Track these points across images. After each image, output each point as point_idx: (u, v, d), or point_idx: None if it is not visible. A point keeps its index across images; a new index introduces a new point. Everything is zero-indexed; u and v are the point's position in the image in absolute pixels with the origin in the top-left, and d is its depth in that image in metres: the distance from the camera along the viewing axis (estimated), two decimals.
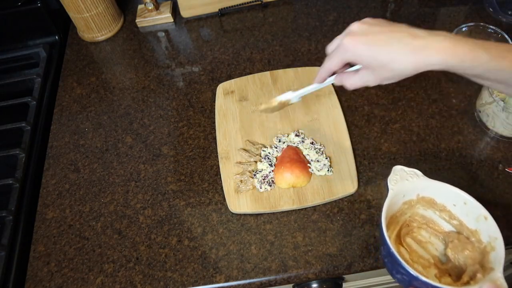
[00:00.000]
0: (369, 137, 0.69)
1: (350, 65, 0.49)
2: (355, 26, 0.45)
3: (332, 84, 0.74)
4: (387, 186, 0.50)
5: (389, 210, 0.50)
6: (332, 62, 0.47)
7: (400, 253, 0.49)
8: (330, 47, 0.49)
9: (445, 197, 0.50)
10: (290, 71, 0.77)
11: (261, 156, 0.67)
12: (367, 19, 0.45)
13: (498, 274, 0.40)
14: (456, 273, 0.47)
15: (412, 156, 0.66)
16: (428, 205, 0.52)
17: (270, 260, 0.59)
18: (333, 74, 0.50)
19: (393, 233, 0.52)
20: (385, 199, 0.49)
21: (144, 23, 0.91)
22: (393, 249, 0.44)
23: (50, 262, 0.63)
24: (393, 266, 0.45)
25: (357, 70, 0.47)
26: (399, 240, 0.52)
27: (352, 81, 0.47)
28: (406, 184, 0.50)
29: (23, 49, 0.91)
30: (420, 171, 0.52)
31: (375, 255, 0.57)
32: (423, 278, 0.41)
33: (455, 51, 0.40)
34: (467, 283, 0.44)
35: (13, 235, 0.66)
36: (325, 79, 0.51)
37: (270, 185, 0.64)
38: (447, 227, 0.52)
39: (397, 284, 0.75)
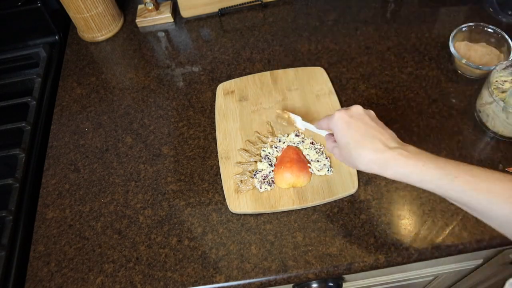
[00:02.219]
0: None
1: None
2: (354, 108, 0.51)
3: (332, 84, 0.75)
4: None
5: None
6: (322, 121, 0.56)
7: None
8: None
9: None
10: (290, 71, 0.77)
11: (261, 156, 0.67)
12: (370, 111, 0.52)
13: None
14: None
15: None
16: None
17: (270, 260, 0.59)
18: None
19: None
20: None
21: (144, 23, 0.91)
22: None
23: (50, 262, 0.63)
24: None
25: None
26: None
27: (328, 144, 0.56)
28: None
29: (23, 49, 0.91)
30: None
31: (375, 255, 0.57)
32: None
33: (407, 163, 0.44)
34: None
35: (13, 235, 0.66)
36: (319, 129, 0.60)
37: (270, 185, 0.64)
38: None
39: (397, 284, 0.76)
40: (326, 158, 0.65)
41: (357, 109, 0.51)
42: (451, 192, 0.43)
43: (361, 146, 0.47)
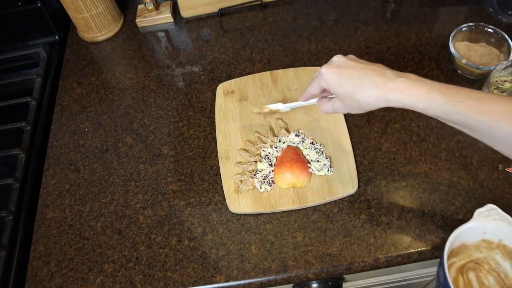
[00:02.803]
0: (369, 137, 0.69)
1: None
2: (336, 58, 0.51)
3: None
4: (473, 215, 0.49)
5: (462, 237, 0.48)
6: (312, 86, 0.54)
7: (456, 280, 0.49)
8: (315, 73, 0.54)
9: None
10: (290, 71, 0.77)
11: (261, 156, 0.67)
12: (350, 55, 0.51)
13: None
14: None
15: (412, 156, 0.66)
16: (508, 256, 0.50)
17: (270, 260, 0.59)
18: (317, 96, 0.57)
19: (460, 261, 0.51)
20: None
21: (144, 23, 0.91)
22: (446, 267, 0.43)
23: (50, 262, 0.63)
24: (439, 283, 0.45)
25: (331, 98, 0.53)
26: (461, 270, 0.50)
27: (325, 106, 0.54)
28: (493, 223, 0.48)
29: (23, 49, 0.91)
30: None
31: (375, 255, 0.57)
32: None
33: (412, 92, 0.44)
34: None
35: (13, 235, 0.66)
36: (308, 99, 0.58)
37: (270, 185, 0.64)
38: None
39: (397, 284, 0.75)
40: (326, 158, 0.65)
41: (338, 58, 0.50)
42: (456, 116, 0.44)
43: (362, 87, 0.47)
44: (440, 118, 0.46)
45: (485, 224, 0.48)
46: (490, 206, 0.50)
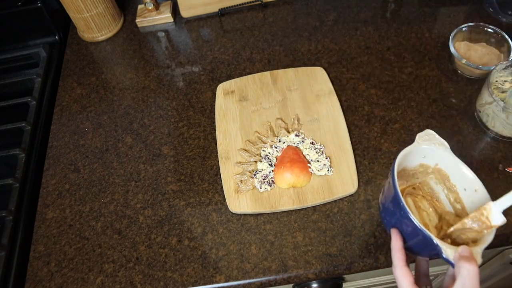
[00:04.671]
0: (369, 137, 0.69)
1: None
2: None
3: (332, 84, 0.75)
4: (415, 139, 0.51)
5: (405, 160, 0.50)
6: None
7: None
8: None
9: (460, 179, 0.51)
10: (290, 71, 0.77)
11: (261, 156, 0.67)
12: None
13: (478, 249, 0.42)
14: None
15: None
16: (441, 180, 0.53)
17: (270, 260, 0.59)
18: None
19: (399, 187, 0.52)
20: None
21: (144, 23, 0.91)
22: (397, 183, 0.45)
23: (50, 262, 0.63)
24: (389, 204, 0.47)
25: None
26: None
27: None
28: (431, 147, 0.50)
29: (23, 49, 0.91)
30: None
31: (375, 255, 0.57)
32: (414, 219, 0.42)
33: None
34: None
35: (13, 235, 0.66)
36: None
37: (270, 185, 0.64)
38: (448, 208, 0.52)
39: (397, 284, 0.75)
40: (326, 158, 0.65)
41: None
42: None
43: None
44: None
45: (425, 147, 0.50)
46: (429, 131, 0.52)
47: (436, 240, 0.41)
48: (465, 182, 0.50)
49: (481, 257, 0.41)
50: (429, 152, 0.51)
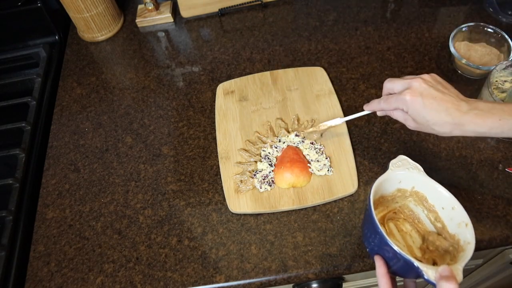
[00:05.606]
0: (369, 137, 0.69)
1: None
2: (416, 84, 0.52)
3: (332, 84, 0.75)
4: (388, 166, 0.52)
5: (381, 188, 0.52)
6: (389, 106, 0.55)
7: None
8: (389, 86, 0.55)
9: (437, 198, 0.52)
10: (290, 71, 0.77)
11: (261, 156, 0.67)
12: (428, 79, 0.53)
13: (459, 266, 0.43)
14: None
15: (412, 156, 0.65)
16: (419, 201, 0.54)
17: (270, 260, 0.59)
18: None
19: (380, 214, 0.54)
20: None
21: (144, 23, 0.91)
22: (373, 212, 0.46)
23: (50, 262, 0.63)
24: (370, 232, 0.48)
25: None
26: (382, 221, 0.54)
27: (396, 114, 0.56)
28: (406, 172, 0.52)
29: (23, 49, 0.91)
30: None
31: None
32: (393, 245, 0.44)
33: (485, 123, 0.49)
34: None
35: (13, 235, 0.66)
36: (374, 110, 0.59)
37: (270, 185, 0.64)
38: (430, 227, 0.54)
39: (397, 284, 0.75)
40: (326, 158, 0.65)
41: (419, 84, 0.51)
42: None
43: (440, 119, 0.50)
44: (508, 136, 0.49)
45: (400, 173, 0.52)
46: (401, 157, 0.53)
47: (417, 263, 0.43)
48: (442, 201, 0.51)
49: (462, 274, 0.43)
50: (404, 177, 0.52)
